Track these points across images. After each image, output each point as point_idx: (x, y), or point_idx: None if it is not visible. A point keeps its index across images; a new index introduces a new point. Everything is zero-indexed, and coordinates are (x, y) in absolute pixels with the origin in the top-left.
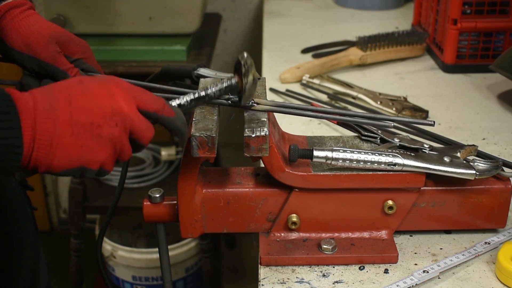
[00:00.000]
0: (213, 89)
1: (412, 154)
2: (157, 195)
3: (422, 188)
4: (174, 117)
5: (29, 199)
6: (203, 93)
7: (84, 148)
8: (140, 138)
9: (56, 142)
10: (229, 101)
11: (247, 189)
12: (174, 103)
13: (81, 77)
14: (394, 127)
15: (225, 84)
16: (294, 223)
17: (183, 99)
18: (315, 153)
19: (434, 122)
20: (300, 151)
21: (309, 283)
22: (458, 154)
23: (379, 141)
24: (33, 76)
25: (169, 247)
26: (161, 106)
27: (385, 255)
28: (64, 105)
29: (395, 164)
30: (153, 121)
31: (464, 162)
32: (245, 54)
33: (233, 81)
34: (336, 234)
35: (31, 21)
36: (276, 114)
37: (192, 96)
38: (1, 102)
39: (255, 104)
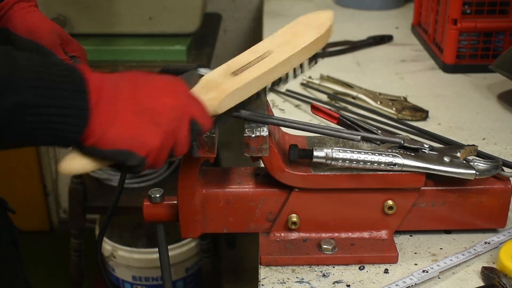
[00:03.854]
0: None
1: (412, 154)
2: (157, 195)
3: (422, 188)
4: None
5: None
6: None
7: (140, 130)
8: (201, 123)
9: (116, 114)
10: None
11: (247, 189)
12: None
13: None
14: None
15: None
16: (294, 223)
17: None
18: (315, 153)
19: (403, 140)
20: (300, 151)
21: (309, 283)
22: (458, 154)
23: (379, 141)
24: None
25: (169, 247)
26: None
27: (385, 255)
28: (129, 86)
29: (395, 164)
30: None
31: (464, 162)
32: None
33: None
34: (336, 234)
35: (37, 14)
36: (276, 114)
37: None
38: (73, 71)
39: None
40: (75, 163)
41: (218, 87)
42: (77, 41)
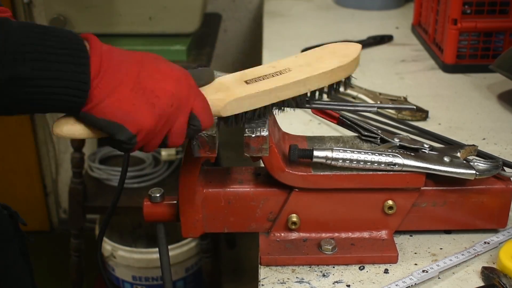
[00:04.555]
0: None
1: (412, 154)
2: (157, 195)
3: (422, 188)
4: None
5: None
6: None
7: (135, 107)
8: (200, 118)
9: (114, 87)
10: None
11: (248, 189)
12: None
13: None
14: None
15: None
16: (294, 223)
17: None
18: (315, 153)
19: (415, 106)
20: (300, 151)
21: (309, 283)
22: (458, 154)
23: (379, 141)
24: None
25: (169, 247)
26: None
27: (385, 255)
28: (133, 63)
29: (395, 164)
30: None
31: (464, 162)
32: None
33: None
34: (336, 234)
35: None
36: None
37: None
38: (73, 40)
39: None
40: (68, 127)
41: (228, 91)
42: None
